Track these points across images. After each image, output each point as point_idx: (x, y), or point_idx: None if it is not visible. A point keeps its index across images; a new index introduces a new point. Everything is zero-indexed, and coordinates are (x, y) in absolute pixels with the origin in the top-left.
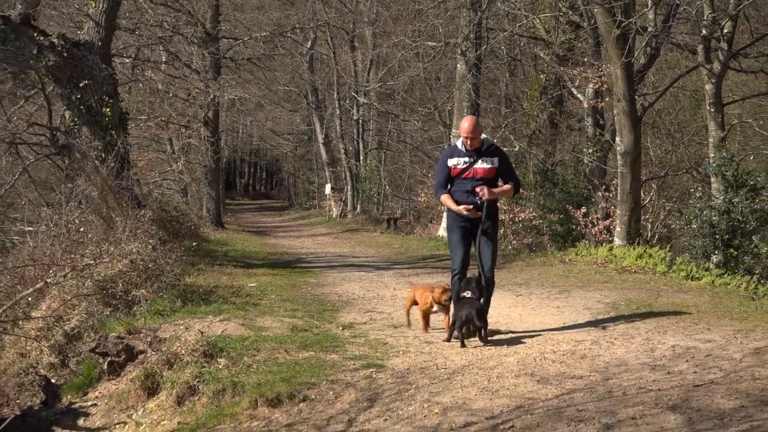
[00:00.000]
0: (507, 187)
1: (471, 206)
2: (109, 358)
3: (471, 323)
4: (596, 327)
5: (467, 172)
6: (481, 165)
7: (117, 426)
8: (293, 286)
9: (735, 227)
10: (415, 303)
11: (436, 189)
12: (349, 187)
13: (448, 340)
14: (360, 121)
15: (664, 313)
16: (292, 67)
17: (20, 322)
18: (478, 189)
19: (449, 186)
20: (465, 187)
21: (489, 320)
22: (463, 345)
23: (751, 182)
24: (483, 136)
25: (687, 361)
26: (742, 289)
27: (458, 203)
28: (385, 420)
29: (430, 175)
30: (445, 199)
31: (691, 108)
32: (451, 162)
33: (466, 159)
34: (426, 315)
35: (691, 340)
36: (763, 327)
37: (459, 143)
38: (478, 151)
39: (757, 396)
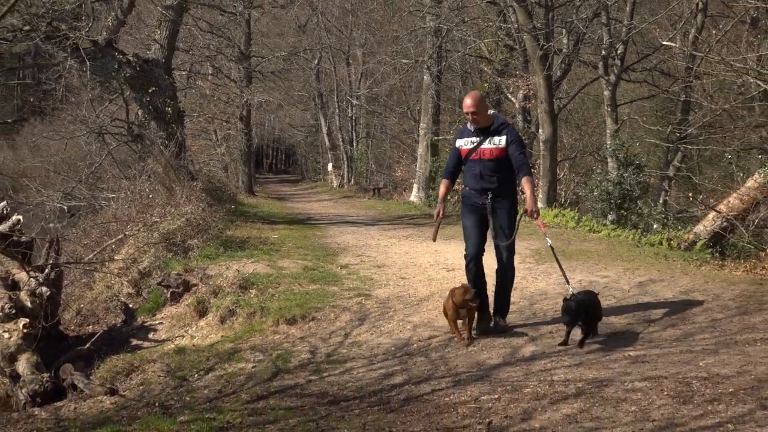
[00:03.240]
0: (528, 192)
1: (440, 213)
2: (171, 290)
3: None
4: (525, 267)
5: (474, 154)
6: (488, 145)
7: (177, 338)
8: (305, 237)
9: (625, 194)
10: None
11: (443, 172)
12: (345, 165)
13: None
14: (353, 118)
15: (574, 256)
16: (304, 78)
17: (107, 263)
18: (529, 216)
19: (462, 168)
20: (473, 171)
21: (448, 263)
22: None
23: (637, 162)
24: (491, 112)
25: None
26: (629, 239)
27: (469, 188)
28: (371, 334)
29: (404, 157)
30: (442, 186)
31: (594, 108)
32: (459, 143)
33: (474, 139)
34: (454, 321)
35: (593, 275)
36: (645, 266)
37: (470, 123)
38: (486, 130)
39: (641, 316)
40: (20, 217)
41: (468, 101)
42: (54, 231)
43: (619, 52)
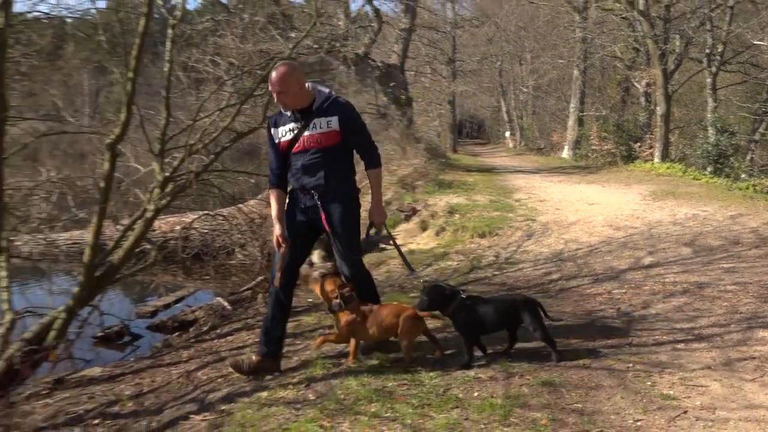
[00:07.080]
0: (373, 193)
1: (282, 233)
2: (404, 213)
3: None
4: (644, 203)
5: (297, 145)
6: (311, 131)
7: (408, 244)
8: (490, 180)
9: (721, 153)
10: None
11: (269, 179)
12: (518, 133)
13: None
14: (523, 101)
15: (681, 197)
16: (490, 75)
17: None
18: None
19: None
20: (296, 165)
21: (590, 200)
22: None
23: (730, 130)
24: (319, 88)
25: (693, 220)
26: (723, 185)
27: (292, 187)
28: (536, 245)
29: (558, 127)
30: (272, 200)
31: (698, 91)
32: (274, 134)
33: (293, 126)
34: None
35: (696, 210)
36: (736, 204)
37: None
38: (308, 111)
39: (732, 239)
40: None
41: (273, 74)
42: None
43: (719, 50)
